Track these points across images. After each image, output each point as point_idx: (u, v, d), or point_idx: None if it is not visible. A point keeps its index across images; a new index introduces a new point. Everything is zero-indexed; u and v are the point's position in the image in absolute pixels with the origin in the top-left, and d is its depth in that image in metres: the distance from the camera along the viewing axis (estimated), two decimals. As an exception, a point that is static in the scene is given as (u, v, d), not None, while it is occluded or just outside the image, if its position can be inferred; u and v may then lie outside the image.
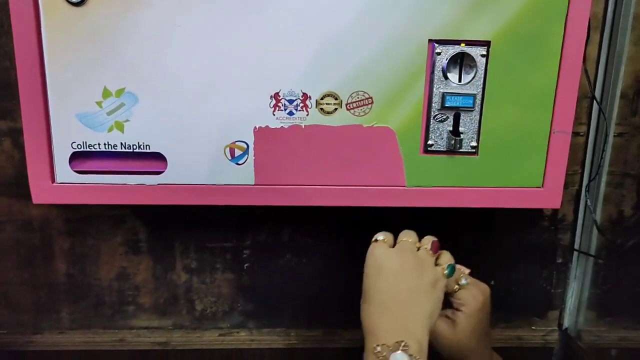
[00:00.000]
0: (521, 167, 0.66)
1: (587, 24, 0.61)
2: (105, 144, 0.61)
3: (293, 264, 0.86)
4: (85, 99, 0.60)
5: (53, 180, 0.62)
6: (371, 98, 0.62)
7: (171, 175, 0.63)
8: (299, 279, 0.86)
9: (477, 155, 0.65)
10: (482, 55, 0.62)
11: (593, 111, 0.83)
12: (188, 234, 0.83)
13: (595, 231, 0.85)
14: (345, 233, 0.84)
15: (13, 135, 0.78)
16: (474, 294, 0.61)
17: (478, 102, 0.63)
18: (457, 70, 0.63)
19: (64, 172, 0.62)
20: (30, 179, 0.61)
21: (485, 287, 0.64)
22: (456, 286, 0.62)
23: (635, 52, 0.80)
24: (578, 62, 0.62)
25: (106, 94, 0.60)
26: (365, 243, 0.84)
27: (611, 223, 0.87)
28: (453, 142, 0.63)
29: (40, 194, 0.62)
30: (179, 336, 0.86)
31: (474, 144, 0.64)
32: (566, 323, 0.92)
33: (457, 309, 0.61)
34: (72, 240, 0.82)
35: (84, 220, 0.81)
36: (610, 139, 0.83)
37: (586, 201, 0.84)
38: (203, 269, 0.85)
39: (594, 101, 0.82)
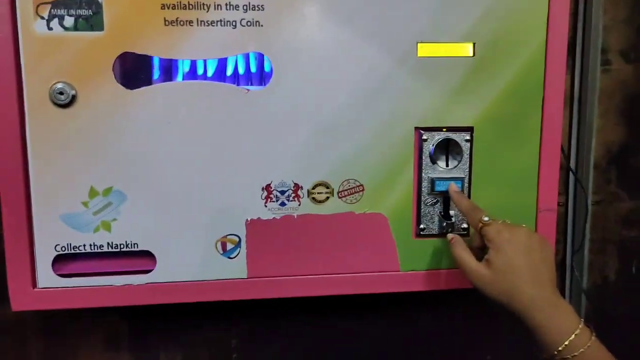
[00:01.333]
0: (512, 246, 0.66)
1: (562, 106, 0.64)
2: (91, 245, 0.59)
3: (285, 355, 0.82)
4: (70, 199, 0.58)
5: (34, 285, 0.59)
6: (362, 185, 0.63)
7: (160, 273, 0.60)
8: (291, 366, 0.83)
9: (469, 236, 0.65)
10: (467, 140, 0.64)
11: (570, 182, 0.85)
12: (171, 326, 0.79)
13: (583, 299, 0.86)
14: (335, 321, 0.82)
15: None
16: (497, 229, 0.54)
17: (466, 185, 0.64)
18: (444, 156, 0.64)
19: (46, 276, 0.59)
20: (10, 285, 0.58)
21: (515, 226, 0.56)
22: (480, 224, 0.56)
23: (603, 124, 0.84)
24: (557, 141, 0.65)
25: (93, 193, 0.58)
26: (357, 329, 0.82)
27: (596, 289, 0.88)
28: (444, 224, 0.64)
29: (20, 299, 0.59)
30: None
31: (464, 225, 0.65)
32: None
33: (487, 247, 0.55)
34: (47, 341, 0.77)
35: (62, 317, 0.77)
36: (589, 208, 0.85)
37: (573, 270, 0.85)
38: (189, 361, 0.80)
39: (570, 173, 0.84)
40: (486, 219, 0.56)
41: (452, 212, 0.64)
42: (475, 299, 0.80)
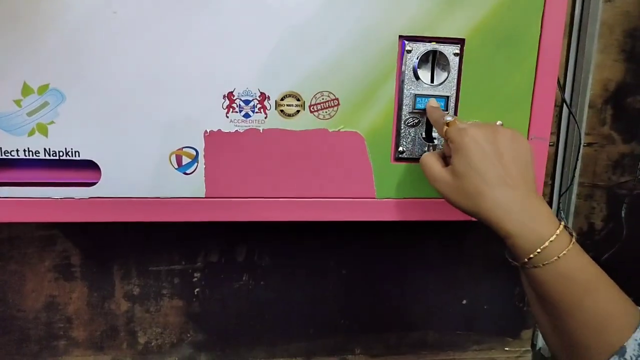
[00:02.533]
0: (498, 176, 0.61)
1: (564, 21, 0.58)
2: (25, 150, 0.52)
3: (250, 288, 0.77)
4: (0, 96, 0.50)
5: (-41, 194, 0.52)
6: (337, 99, 0.56)
7: (106, 187, 0.54)
8: (257, 304, 0.78)
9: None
10: (455, 54, 0.57)
11: (562, 121, 0.80)
12: (129, 256, 0.73)
13: (567, 245, 0.82)
14: (307, 251, 0.77)
15: None
16: (460, 127, 0.47)
17: (452, 104, 0.58)
18: (429, 70, 0.57)
19: (-27, 184, 0.52)
20: None
21: (482, 124, 0.48)
22: (444, 127, 0.49)
23: (602, 60, 0.78)
24: (555, 62, 0.59)
25: (27, 91, 0.50)
26: (330, 260, 0.77)
27: (582, 236, 0.84)
28: (426, 148, 0.58)
29: (-57, 210, 0.52)
30: (119, 374, 0.75)
31: (448, 150, 0.59)
32: (540, 343, 0.87)
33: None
34: (-10, 266, 0.71)
35: (6, 242, 0.70)
36: (581, 149, 0.80)
37: (559, 213, 0.81)
38: (147, 295, 0.75)
39: (564, 109, 0.79)
40: (449, 118, 0.49)
41: (434, 134, 0.58)
42: (453, 233, 0.75)
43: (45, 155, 0.52)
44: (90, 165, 0.53)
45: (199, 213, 0.56)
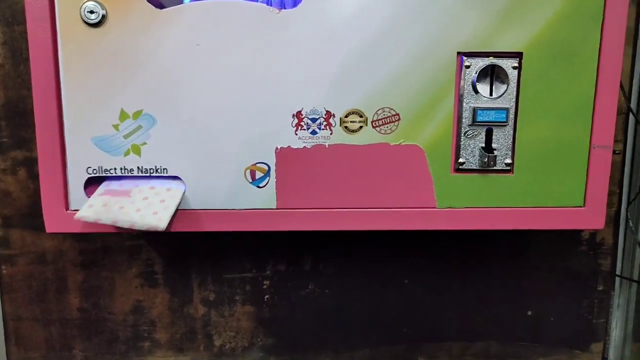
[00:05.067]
0: (560, 185, 0.61)
1: (624, 29, 0.58)
2: (121, 169, 0.59)
3: (315, 295, 0.81)
4: (101, 122, 0.58)
5: (67, 208, 0.59)
6: (398, 115, 0.59)
7: (189, 200, 0.60)
8: (322, 311, 0.81)
9: (512, 173, 0.61)
10: (514, 67, 0.59)
11: (629, 128, 0.79)
12: (205, 264, 0.79)
13: (638, 254, 0.80)
14: (370, 260, 0.80)
15: (28, 164, 0.76)
16: None
17: (511, 116, 0.60)
18: (487, 84, 0.60)
19: (79, 199, 0.59)
20: (44, 207, 0.59)
21: None
22: None
23: (670, 65, 0.77)
24: (617, 70, 0.59)
25: (123, 116, 0.58)
26: (393, 269, 0.80)
27: (654, 246, 0.81)
28: (486, 159, 0.60)
29: (54, 222, 0.59)
30: (197, 374, 0.81)
31: (508, 160, 0.60)
32: (611, 356, 0.85)
33: None
34: (86, 273, 0.79)
35: (100, 251, 0.78)
36: (650, 156, 0.79)
37: (627, 222, 0.79)
38: (221, 301, 0.80)
39: (630, 116, 0.78)
40: None
41: (494, 145, 0.60)
42: (516, 243, 0.75)
43: (138, 173, 0.59)
44: (176, 181, 0.59)
45: (271, 223, 0.61)
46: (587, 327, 0.84)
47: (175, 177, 0.59)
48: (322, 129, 0.59)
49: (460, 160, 0.60)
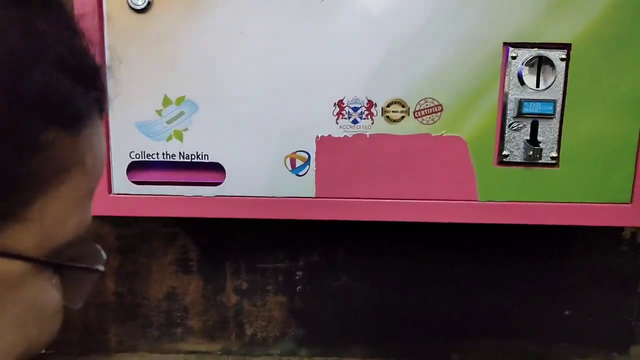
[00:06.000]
0: (607, 181, 0.60)
1: (681, 22, 0.56)
2: (163, 154, 0.59)
3: (348, 287, 0.81)
4: (145, 107, 0.58)
5: (110, 191, 0.60)
6: (441, 105, 0.58)
7: (229, 186, 0.60)
8: (355, 304, 0.81)
9: (558, 167, 0.59)
10: (562, 59, 0.57)
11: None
12: (239, 253, 0.80)
13: (683, 256, 0.77)
14: (405, 252, 0.79)
15: (69, 150, 0.77)
16: None
17: (558, 108, 0.58)
18: (534, 75, 0.58)
19: (121, 183, 0.60)
20: (87, 190, 0.60)
21: None
22: None
23: None
24: (671, 64, 0.57)
25: (166, 102, 0.58)
26: (428, 264, 0.79)
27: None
28: (531, 152, 0.58)
29: (97, 205, 0.60)
30: (228, 362, 0.82)
31: (554, 154, 0.59)
32: (651, 360, 0.82)
33: None
34: (122, 258, 0.80)
35: (138, 237, 0.79)
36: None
37: (673, 223, 0.76)
38: (254, 291, 0.81)
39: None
40: None
41: (540, 138, 0.59)
42: (556, 240, 0.73)
43: (180, 158, 0.59)
44: (217, 167, 0.60)
45: (310, 212, 0.60)
46: (626, 329, 0.81)
47: (216, 164, 0.59)
48: (364, 118, 0.59)
49: (504, 152, 0.59)
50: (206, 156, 0.59)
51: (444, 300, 0.80)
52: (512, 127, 0.59)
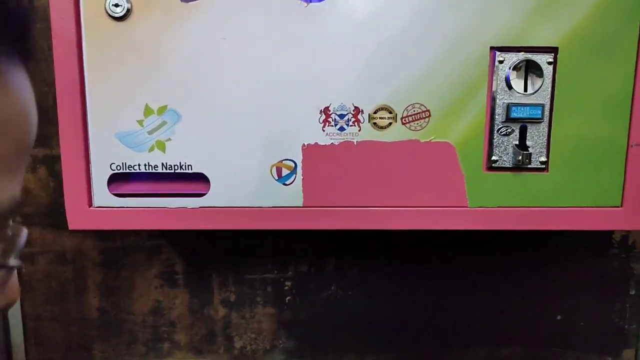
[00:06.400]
0: (596, 184, 0.59)
1: (666, 24, 0.56)
2: (145, 165, 0.57)
3: (338, 297, 0.79)
4: (126, 117, 0.56)
5: (90, 204, 0.58)
6: (428, 111, 0.58)
7: (214, 197, 0.58)
8: (345, 314, 0.79)
9: (547, 171, 0.59)
10: (549, 63, 0.57)
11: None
12: (226, 265, 0.78)
13: (673, 258, 0.77)
14: (395, 261, 0.78)
15: (48, 163, 0.75)
16: None
17: (547, 112, 0.58)
18: (522, 79, 0.58)
19: (102, 196, 0.58)
20: (67, 203, 0.58)
21: None
22: None
23: None
24: (657, 66, 0.57)
25: (148, 111, 0.56)
26: (418, 272, 0.78)
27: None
28: (520, 157, 0.58)
29: (77, 219, 0.58)
30: (216, 377, 0.80)
31: (543, 159, 0.58)
32: (643, 363, 0.82)
33: None
34: (105, 273, 0.78)
35: (120, 251, 0.77)
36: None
37: (662, 225, 0.76)
38: (242, 302, 0.79)
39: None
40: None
41: (529, 143, 0.58)
42: (545, 245, 0.73)
43: (162, 169, 0.58)
44: (201, 178, 0.58)
45: (298, 222, 0.59)
46: (618, 332, 0.81)
47: (200, 174, 0.58)
48: (350, 125, 0.58)
49: (494, 158, 0.59)
50: (190, 167, 0.58)
51: (434, 308, 0.79)
52: (501, 132, 0.58)
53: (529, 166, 0.58)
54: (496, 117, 0.58)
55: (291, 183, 0.58)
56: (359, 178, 0.59)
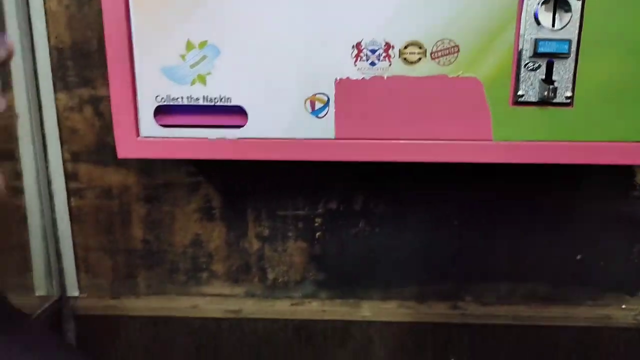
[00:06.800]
0: (621, 119, 0.61)
1: (700, -43, 0.56)
2: (188, 97, 0.61)
3: (366, 234, 0.83)
4: (169, 52, 0.60)
5: (137, 135, 0.63)
6: (457, 47, 0.59)
7: (251, 129, 0.62)
8: (372, 249, 0.84)
9: (572, 106, 0.60)
10: (578, -2, 0.58)
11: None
12: (260, 201, 0.83)
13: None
14: (420, 199, 0.81)
15: (94, 103, 0.80)
16: None
17: (573, 48, 0.59)
18: (550, 15, 0.59)
19: (148, 126, 0.62)
20: (116, 134, 0.63)
21: None
22: None
23: None
24: (689, 0, 0.57)
25: (189, 46, 0.60)
26: (443, 210, 0.81)
27: None
28: (546, 92, 0.59)
29: (125, 148, 0.63)
30: (252, 304, 0.86)
31: (568, 94, 0.60)
32: (661, 302, 0.85)
33: None
34: (148, 207, 0.84)
35: (162, 187, 0.82)
36: None
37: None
38: (275, 237, 0.84)
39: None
40: None
41: (555, 78, 0.60)
42: (568, 183, 0.75)
43: (203, 102, 0.61)
44: (240, 111, 0.62)
45: (329, 153, 0.63)
46: (637, 272, 0.83)
47: (239, 107, 0.62)
48: (381, 61, 0.60)
49: (519, 92, 0.60)
50: (229, 99, 0.61)
51: (458, 244, 0.83)
52: (528, 67, 0.60)
53: (555, 101, 0.60)
54: (524, 52, 0.59)
55: (324, 116, 0.62)
56: (388, 112, 0.61)
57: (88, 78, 0.79)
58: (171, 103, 0.62)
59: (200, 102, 0.61)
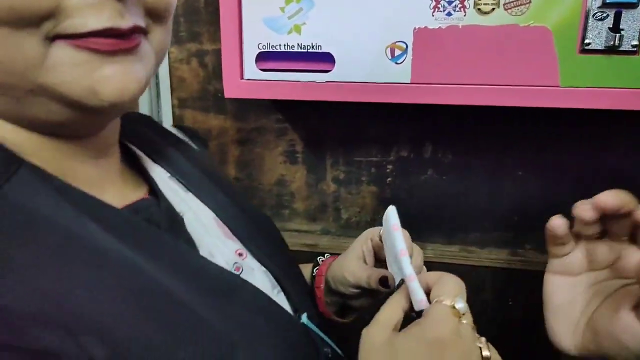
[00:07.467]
0: (688, 67, 0.64)
1: None
2: (285, 45, 0.72)
3: (433, 181, 0.91)
4: (271, 4, 0.70)
5: (242, 77, 0.74)
6: (529, -2, 0.65)
7: (337, 73, 0.71)
8: (439, 196, 0.91)
9: (638, 54, 0.64)
10: (650, -50, 0.61)
11: None
12: (338, 147, 0.92)
13: None
14: (487, 151, 0.87)
15: (199, 55, 0.92)
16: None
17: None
18: (621, -33, 0.63)
19: (251, 70, 0.73)
20: (224, 76, 0.74)
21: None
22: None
23: None
24: None
25: (288, 0, 0.70)
26: (508, 160, 0.87)
27: None
28: (612, 40, 0.64)
29: (232, 89, 0.74)
30: (326, 240, 0.96)
31: (634, 42, 0.64)
32: None
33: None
34: (241, 149, 0.95)
35: (254, 131, 0.94)
36: None
37: None
38: (350, 180, 0.93)
39: None
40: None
41: (622, 27, 0.64)
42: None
43: (298, 49, 0.71)
44: (328, 57, 0.71)
45: (406, 96, 0.71)
46: None
47: (328, 54, 0.71)
48: (457, 11, 0.67)
49: (587, 41, 0.65)
50: (320, 47, 0.71)
51: (520, 194, 0.88)
52: (596, 17, 0.64)
53: (621, 49, 0.64)
54: (592, 2, 0.64)
55: (402, 62, 0.70)
56: (462, 59, 0.68)
57: (195, 33, 0.91)
58: (271, 50, 0.72)
59: (295, 49, 0.71)
